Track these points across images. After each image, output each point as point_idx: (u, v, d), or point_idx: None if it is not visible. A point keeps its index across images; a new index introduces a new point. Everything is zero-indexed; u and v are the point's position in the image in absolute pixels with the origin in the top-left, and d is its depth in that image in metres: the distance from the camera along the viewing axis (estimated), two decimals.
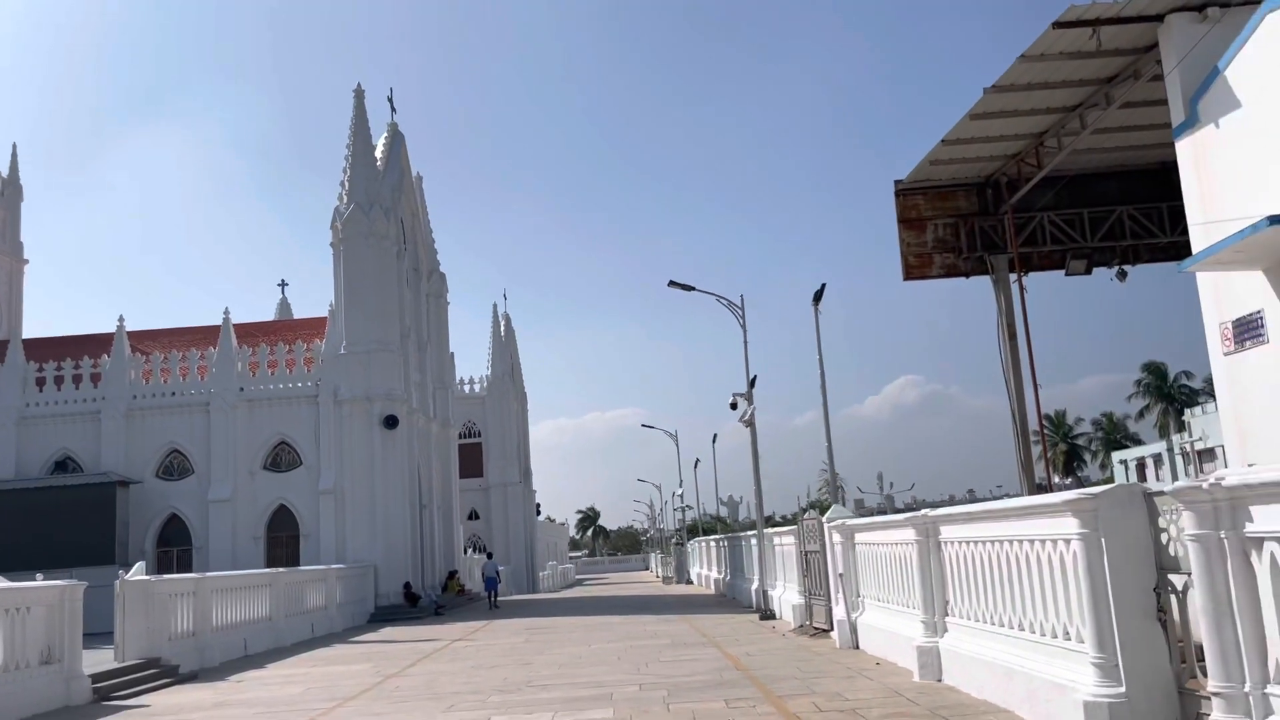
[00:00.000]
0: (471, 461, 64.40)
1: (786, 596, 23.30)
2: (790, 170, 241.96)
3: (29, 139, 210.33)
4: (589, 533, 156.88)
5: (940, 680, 11.86)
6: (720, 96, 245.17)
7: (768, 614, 24.76)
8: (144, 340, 42.35)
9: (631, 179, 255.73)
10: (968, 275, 23.29)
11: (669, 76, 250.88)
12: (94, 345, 41.25)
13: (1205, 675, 6.83)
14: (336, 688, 15.98)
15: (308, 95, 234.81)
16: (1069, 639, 8.64)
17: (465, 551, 55.13)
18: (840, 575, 17.07)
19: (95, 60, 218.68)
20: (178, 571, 33.47)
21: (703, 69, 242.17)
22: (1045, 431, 40.73)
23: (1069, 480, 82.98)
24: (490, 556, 47.42)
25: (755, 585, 28.22)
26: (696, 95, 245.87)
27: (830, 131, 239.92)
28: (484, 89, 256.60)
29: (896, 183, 23.07)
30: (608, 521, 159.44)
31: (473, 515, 65.40)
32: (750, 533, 31.01)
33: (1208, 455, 61.18)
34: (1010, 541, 9.84)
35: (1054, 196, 22.81)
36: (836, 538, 17.35)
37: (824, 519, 18.66)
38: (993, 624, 10.48)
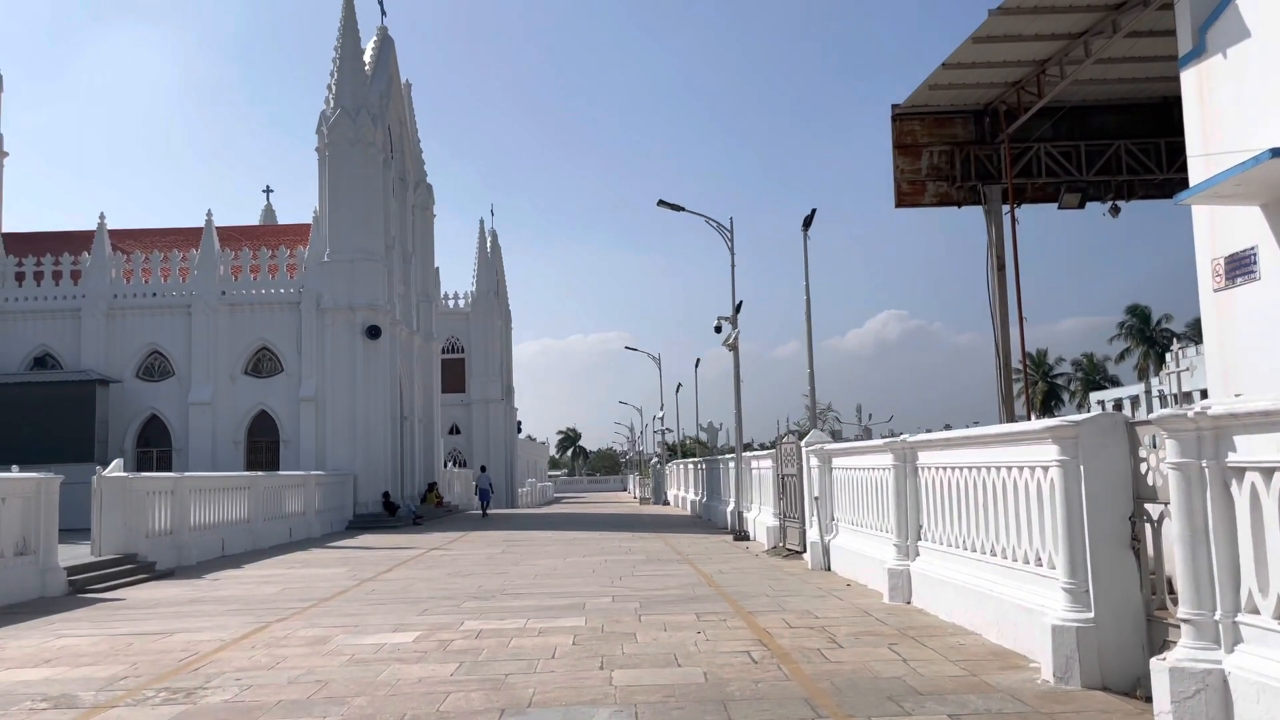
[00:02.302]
0: (454, 377, 64.38)
1: (761, 519, 23.50)
2: (784, 94, 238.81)
3: None
4: (569, 453, 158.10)
5: (909, 602, 11.99)
6: (716, 14, 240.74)
7: (741, 535, 25.00)
8: (125, 239, 41.79)
9: (623, 97, 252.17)
10: (960, 204, 23.10)
11: None
12: (74, 242, 40.70)
13: (1175, 605, 6.83)
14: (312, 589, 16.06)
15: None
16: (1040, 565, 8.66)
17: (446, 465, 55.47)
18: (816, 498, 17.17)
19: None
20: (158, 472, 33.50)
21: None
22: (1026, 369, 40.84)
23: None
24: (484, 470, 48.35)
25: (731, 507, 28.46)
26: (692, 11, 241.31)
27: (826, 55, 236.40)
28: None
29: (894, 107, 22.72)
30: (588, 442, 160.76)
31: (454, 430, 65.61)
32: (728, 456, 31.17)
33: (1185, 400, 61.70)
34: (988, 468, 9.83)
35: (1051, 128, 22.55)
36: (814, 461, 17.41)
37: (802, 443, 18.71)
38: (965, 549, 10.53)
